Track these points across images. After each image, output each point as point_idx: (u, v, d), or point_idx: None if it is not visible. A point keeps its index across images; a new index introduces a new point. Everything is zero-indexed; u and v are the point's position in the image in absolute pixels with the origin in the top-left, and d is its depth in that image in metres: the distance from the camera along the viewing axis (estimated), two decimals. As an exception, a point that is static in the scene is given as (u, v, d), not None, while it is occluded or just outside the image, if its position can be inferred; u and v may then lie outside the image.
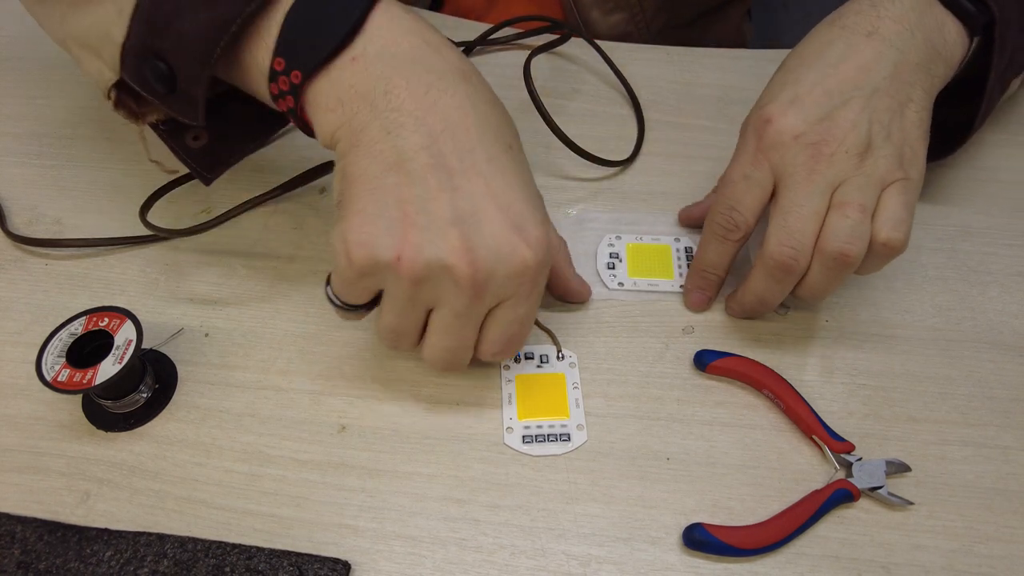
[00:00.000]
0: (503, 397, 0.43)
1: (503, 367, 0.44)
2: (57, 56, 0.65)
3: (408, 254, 0.34)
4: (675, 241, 0.50)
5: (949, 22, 0.42)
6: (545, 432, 0.42)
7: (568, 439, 0.42)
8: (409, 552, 0.38)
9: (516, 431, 0.42)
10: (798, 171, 0.40)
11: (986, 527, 0.39)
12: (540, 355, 0.45)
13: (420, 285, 0.35)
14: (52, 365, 0.39)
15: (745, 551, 0.37)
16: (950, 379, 0.44)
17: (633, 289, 0.48)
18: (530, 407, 0.43)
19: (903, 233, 0.39)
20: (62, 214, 0.53)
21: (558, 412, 0.42)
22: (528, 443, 0.41)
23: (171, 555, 0.37)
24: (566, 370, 0.44)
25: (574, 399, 0.43)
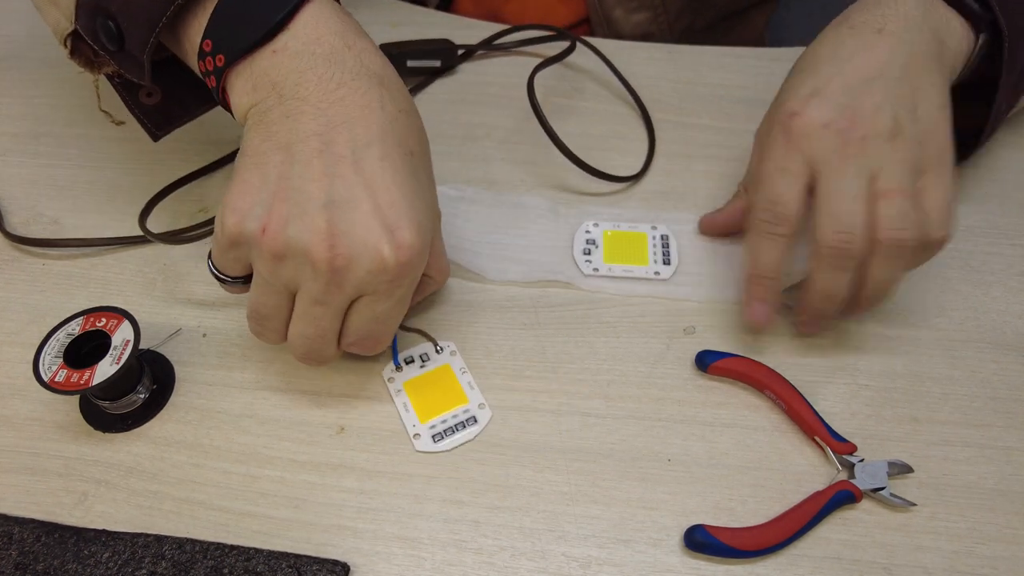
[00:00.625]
0: (398, 408, 0.43)
1: (387, 379, 0.44)
2: (57, 56, 0.65)
3: (272, 228, 0.34)
4: (652, 229, 0.50)
5: (954, 19, 0.43)
6: (450, 424, 0.42)
7: (475, 422, 0.42)
8: (408, 554, 0.38)
9: (424, 435, 0.42)
10: (833, 158, 0.39)
11: (989, 528, 0.39)
12: (419, 355, 0.45)
13: (281, 262, 0.35)
14: (49, 365, 0.39)
15: (747, 553, 0.37)
16: (953, 380, 0.44)
17: (608, 275, 0.48)
18: (428, 407, 0.43)
19: (949, 227, 0.40)
20: (60, 214, 0.53)
21: (456, 401, 0.43)
22: (439, 440, 0.41)
23: (169, 556, 0.37)
24: (449, 359, 0.44)
25: (466, 383, 0.44)
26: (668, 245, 0.49)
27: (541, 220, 0.51)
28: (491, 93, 0.60)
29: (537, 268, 0.48)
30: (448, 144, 0.57)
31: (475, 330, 0.46)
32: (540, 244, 0.50)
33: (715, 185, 0.54)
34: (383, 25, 0.65)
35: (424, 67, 0.60)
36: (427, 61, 0.60)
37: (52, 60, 0.65)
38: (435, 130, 0.57)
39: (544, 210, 0.52)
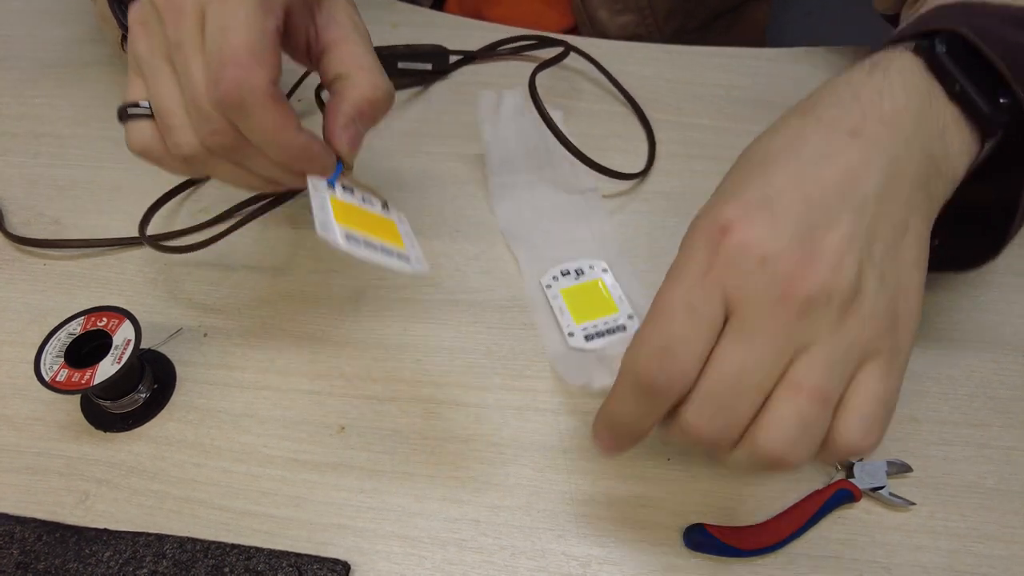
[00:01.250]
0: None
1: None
2: (57, 56, 0.65)
3: None
4: (603, 272, 0.47)
5: (952, 124, 0.33)
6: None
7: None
8: (409, 553, 0.38)
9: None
10: (757, 313, 0.28)
11: (988, 527, 0.39)
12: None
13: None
14: (50, 365, 0.39)
15: (746, 552, 0.37)
16: (951, 379, 0.44)
17: (591, 332, 0.45)
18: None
19: (876, 437, 0.29)
20: (60, 214, 0.53)
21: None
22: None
23: (170, 555, 0.37)
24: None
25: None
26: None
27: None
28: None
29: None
30: (450, 145, 0.57)
31: (475, 330, 0.46)
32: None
33: (715, 185, 0.54)
34: (384, 25, 0.65)
35: (415, 69, 0.61)
36: (418, 64, 0.60)
37: (52, 60, 0.65)
38: (435, 131, 0.58)
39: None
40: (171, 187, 0.50)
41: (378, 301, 0.48)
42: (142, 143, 0.36)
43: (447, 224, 0.52)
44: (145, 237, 0.46)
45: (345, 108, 0.36)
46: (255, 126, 0.33)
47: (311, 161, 0.35)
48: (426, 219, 0.52)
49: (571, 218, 0.51)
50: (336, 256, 0.49)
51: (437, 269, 0.49)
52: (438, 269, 0.49)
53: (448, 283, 0.48)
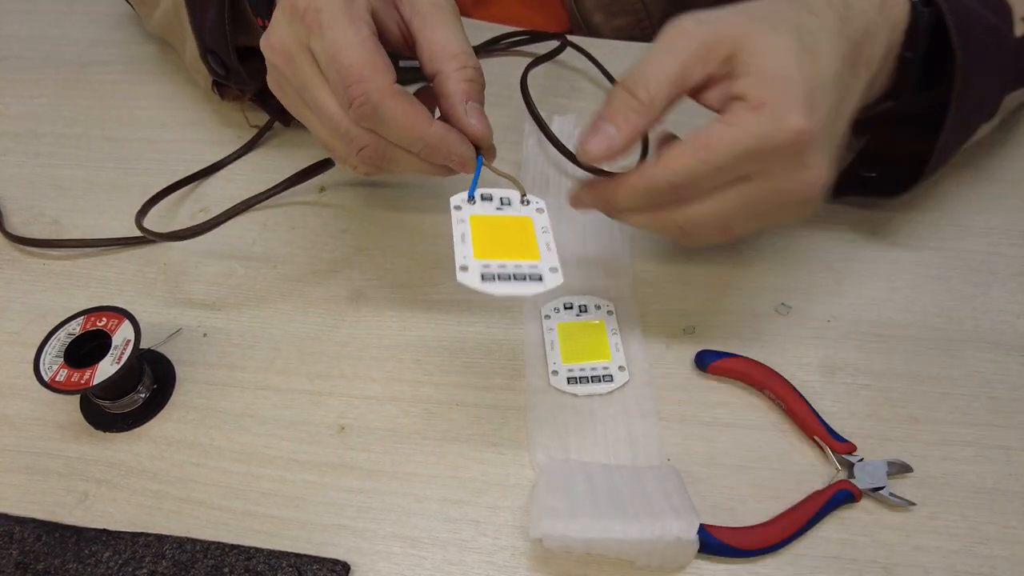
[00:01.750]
0: (454, 237, 0.37)
1: (454, 207, 0.38)
2: (57, 56, 0.65)
3: None
4: (608, 315, 0.46)
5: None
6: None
7: (539, 280, 0.37)
8: (409, 553, 0.38)
9: (473, 269, 0.36)
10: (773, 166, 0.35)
11: (988, 528, 0.39)
12: (500, 198, 0.40)
13: None
14: (50, 365, 0.39)
15: (746, 552, 0.37)
16: (952, 379, 0.44)
17: (576, 375, 0.43)
18: (492, 248, 0.37)
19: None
20: (60, 214, 0.53)
21: (525, 254, 0.38)
22: (489, 281, 0.36)
23: (169, 556, 0.37)
24: (533, 215, 0.40)
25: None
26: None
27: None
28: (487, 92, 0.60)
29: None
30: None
31: (475, 329, 0.46)
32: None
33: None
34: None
35: (416, 67, 0.60)
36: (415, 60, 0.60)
37: (53, 61, 0.65)
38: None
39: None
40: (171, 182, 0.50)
41: (378, 301, 0.48)
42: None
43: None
44: (141, 226, 0.46)
45: (454, 97, 0.37)
46: (391, 127, 0.35)
47: (450, 150, 0.37)
48: (427, 219, 0.52)
49: (592, 252, 0.49)
50: (337, 256, 0.50)
51: (437, 269, 0.49)
52: (438, 269, 0.49)
53: (448, 283, 0.48)
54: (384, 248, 0.50)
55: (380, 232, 0.51)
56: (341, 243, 0.51)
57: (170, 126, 0.59)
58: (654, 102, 0.35)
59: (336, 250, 0.50)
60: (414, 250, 0.50)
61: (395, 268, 0.49)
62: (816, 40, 0.35)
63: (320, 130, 0.38)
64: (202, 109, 0.60)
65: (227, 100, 0.56)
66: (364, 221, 0.52)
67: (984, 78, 0.40)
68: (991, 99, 0.42)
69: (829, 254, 0.50)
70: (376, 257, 0.50)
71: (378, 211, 0.53)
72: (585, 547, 0.36)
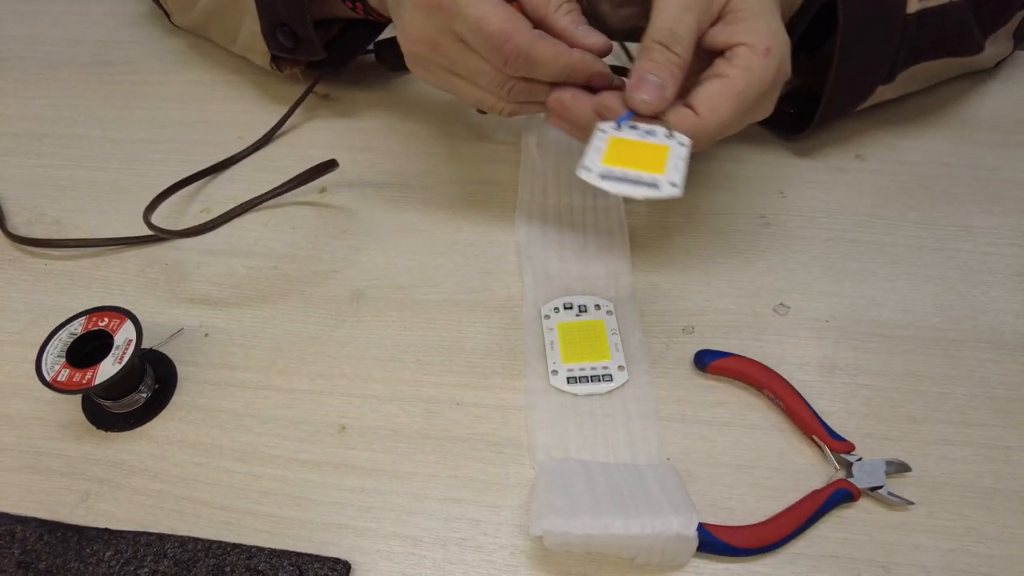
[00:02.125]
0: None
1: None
2: (59, 57, 0.66)
3: None
4: (607, 315, 0.46)
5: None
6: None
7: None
8: (409, 552, 0.38)
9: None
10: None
11: (986, 527, 0.39)
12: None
13: None
14: (52, 365, 0.39)
15: (745, 551, 0.37)
16: (951, 379, 0.44)
17: (576, 375, 0.44)
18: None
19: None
20: (62, 214, 0.53)
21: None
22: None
23: (171, 555, 0.37)
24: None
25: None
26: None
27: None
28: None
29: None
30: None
31: (475, 330, 0.46)
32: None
33: (716, 180, 0.54)
34: (390, 26, 0.65)
35: None
36: None
37: (54, 61, 0.65)
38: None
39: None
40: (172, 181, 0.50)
41: (378, 301, 0.48)
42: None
43: (454, 221, 0.52)
44: (149, 223, 0.46)
45: (569, 28, 0.42)
46: (542, 65, 0.41)
47: (590, 68, 0.42)
48: (427, 219, 0.52)
49: (592, 252, 0.50)
50: (338, 256, 0.50)
51: (437, 269, 0.49)
52: (438, 269, 0.49)
53: (448, 283, 0.48)
54: (385, 248, 0.51)
55: (381, 232, 0.51)
56: (342, 243, 0.51)
57: (171, 127, 0.59)
58: (686, 55, 0.40)
59: (337, 250, 0.50)
60: (414, 250, 0.50)
61: (395, 268, 0.49)
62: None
63: (472, 91, 0.44)
64: (203, 110, 0.60)
65: (284, 71, 0.59)
66: (365, 221, 0.52)
67: (868, 43, 0.48)
68: (880, 65, 0.50)
69: (828, 254, 0.50)
70: (377, 257, 0.50)
71: (379, 211, 0.53)
72: (585, 544, 0.36)
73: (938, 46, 0.51)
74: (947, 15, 0.49)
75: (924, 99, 0.59)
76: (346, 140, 0.58)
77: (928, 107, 0.58)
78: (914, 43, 0.50)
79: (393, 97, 0.61)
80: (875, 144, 0.56)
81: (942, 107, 0.59)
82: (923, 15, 0.49)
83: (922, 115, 0.58)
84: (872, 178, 0.54)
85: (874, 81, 0.51)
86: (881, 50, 0.49)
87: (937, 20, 0.49)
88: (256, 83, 0.62)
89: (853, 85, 0.51)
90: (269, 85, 0.62)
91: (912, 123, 0.58)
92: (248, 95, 0.61)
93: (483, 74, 0.43)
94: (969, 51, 0.53)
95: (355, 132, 0.58)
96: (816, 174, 0.55)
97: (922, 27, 0.49)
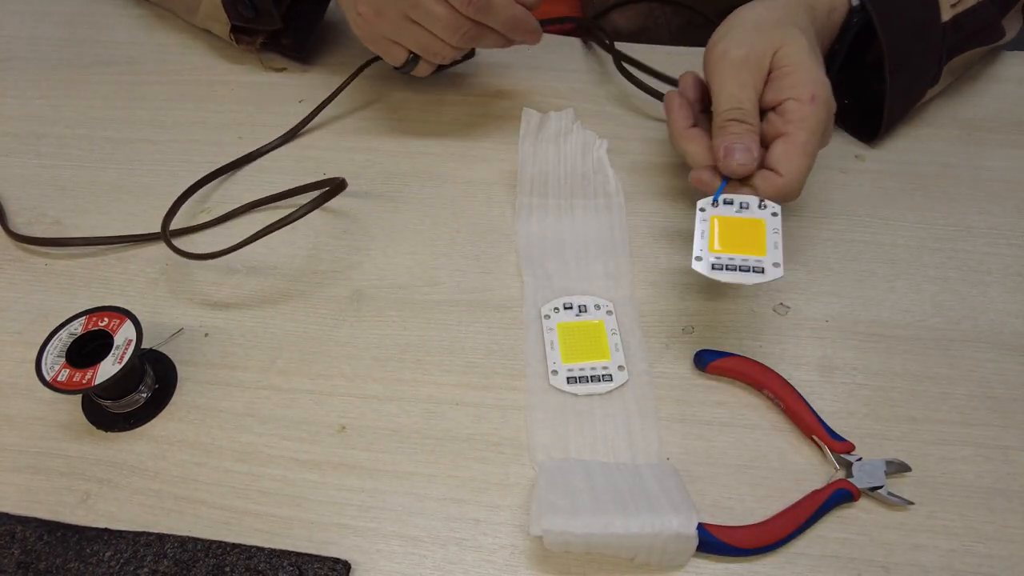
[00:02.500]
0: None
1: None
2: (57, 56, 0.66)
3: None
4: (607, 315, 0.46)
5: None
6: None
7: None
8: (409, 552, 0.38)
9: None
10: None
11: (986, 527, 0.39)
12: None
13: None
14: (52, 365, 0.39)
15: (745, 551, 0.37)
16: (950, 379, 0.44)
17: (576, 375, 0.43)
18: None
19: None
20: (62, 214, 0.53)
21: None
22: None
23: (171, 555, 0.37)
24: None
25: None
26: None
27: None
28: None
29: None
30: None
31: (475, 330, 0.46)
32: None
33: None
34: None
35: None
36: None
37: (54, 61, 0.65)
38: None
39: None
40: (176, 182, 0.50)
41: (378, 301, 0.48)
42: (422, 73, 0.55)
43: (454, 221, 0.52)
44: (167, 239, 0.47)
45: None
46: (497, 13, 0.48)
47: (528, 25, 0.51)
48: (427, 219, 0.52)
49: (592, 252, 0.49)
50: (337, 257, 0.50)
51: (437, 269, 0.49)
52: (438, 269, 0.49)
53: (448, 283, 0.48)
54: (384, 248, 0.51)
55: (381, 232, 0.51)
56: (342, 243, 0.51)
57: (171, 127, 0.59)
58: (756, 123, 0.45)
59: (337, 250, 0.50)
60: (414, 250, 0.50)
61: (395, 268, 0.49)
62: (808, 33, 0.46)
63: (421, 36, 0.49)
64: (203, 110, 0.60)
65: (241, 46, 0.61)
66: (365, 222, 0.52)
67: (914, 58, 0.51)
68: (927, 72, 0.53)
69: (828, 254, 0.50)
70: (376, 257, 0.50)
71: (379, 211, 0.53)
72: (585, 544, 0.36)
73: (971, 40, 0.54)
74: (978, 14, 0.53)
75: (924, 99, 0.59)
76: (346, 140, 0.58)
77: (928, 107, 0.58)
78: (951, 44, 0.53)
79: (393, 97, 0.61)
80: (875, 144, 0.56)
81: (942, 107, 0.59)
82: (957, 19, 0.51)
83: (922, 115, 0.58)
84: (872, 178, 0.54)
85: (924, 87, 0.54)
86: (925, 60, 0.52)
87: (970, 21, 0.52)
88: (256, 84, 0.62)
89: (907, 96, 0.54)
90: (268, 86, 0.62)
91: (912, 123, 0.58)
92: (247, 96, 0.61)
93: (439, 19, 0.48)
94: (995, 39, 0.56)
95: (355, 132, 0.58)
96: (816, 174, 0.55)
97: (958, 31, 0.52)
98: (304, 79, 0.62)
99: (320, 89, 0.59)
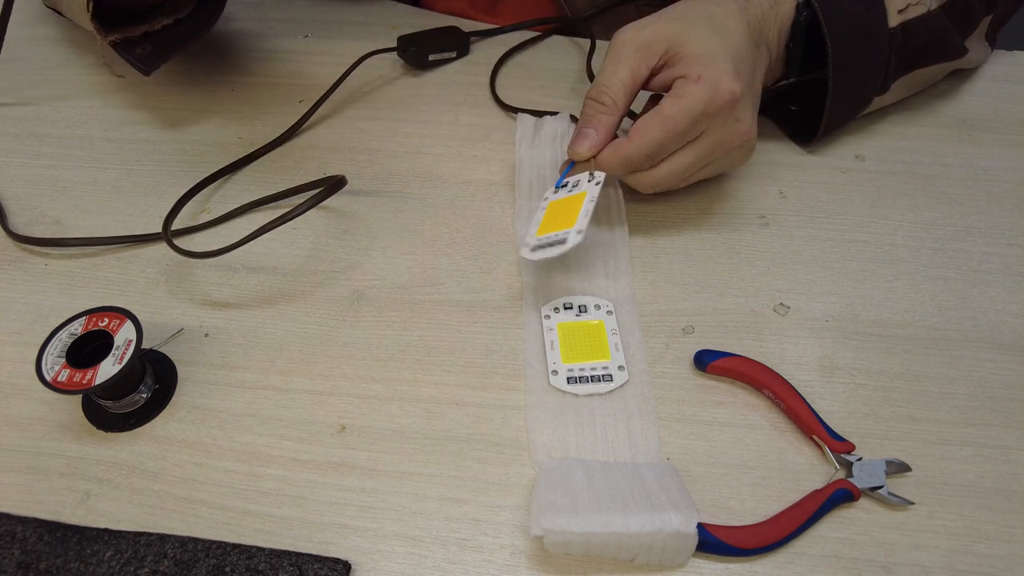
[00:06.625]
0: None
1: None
2: (59, 58, 0.66)
3: None
4: (607, 315, 0.46)
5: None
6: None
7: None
8: (409, 552, 0.38)
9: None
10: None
11: (986, 527, 0.39)
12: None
13: None
14: (52, 365, 0.39)
15: (745, 551, 0.37)
16: (950, 379, 0.44)
17: (576, 375, 0.43)
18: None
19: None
20: (62, 214, 0.53)
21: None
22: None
23: (171, 555, 0.37)
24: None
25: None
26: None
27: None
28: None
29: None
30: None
31: (475, 330, 0.46)
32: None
33: (716, 181, 0.54)
34: (385, 27, 0.66)
35: (443, 59, 0.64)
36: (445, 53, 0.64)
37: (54, 61, 0.65)
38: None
39: None
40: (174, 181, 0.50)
41: (378, 301, 0.48)
42: None
43: (454, 221, 0.52)
44: (168, 238, 0.47)
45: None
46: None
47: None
48: (427, 219, 0.52)
49: (591, 252, 0.49)
50: (337, 257, 0.50)
51: (437, 269, 0.49)
52: (438, 269, 0.49)
53: (448, 283, 0.49)
54: (384, 248, 0.51)
55: (381, 232, 0.51)
56: (342, 243, 0.51)
57: (171, 127, 0.59)
58: (617, 103, 0.45)
59: (337, 250, 0.50)
60: (414, 250, 0.50)
61: (395, 268, 0.49)
62: (724, 24, 0.46)
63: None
64: (203, 111, 0.60)
65: (107, 39, 0.54)
66: (365, 221, 0.52)
67: (858, 60, 0.51)
68: (873, 76, 0.53)
69: (827, 254, 0.50)
70: (376, 257, 0.50)
71: (379, 211, 0.53)
72: (585, 543, 0.36)
73: (926, 54, 0.54)
74: (928, 24, 0.52)
75: (924, 99, 0.59)
76: (346, 140, 0.58)
77: (928, 107, 0.59)
78: (903, 54, 0.53)
79: (393, 97, 0.61)
80: (875, 144, 0.56)
81: (942, 107, 0.59)
82: (906, 27, 0.52)
83: (922, 115, 0.58)
84: (872, 178, 0.55)
85: (869, 92, 0.54)
86: (871, 64, 0.52)
87: (920, 30, 0.52)
88: (256, 84, 0.62)
89: (850, 97, 0.53)
90: (268, 86, 0.62)
91: (912, 123, 0.58)
92: (247, 96, 0.61)
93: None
94: (955, 55, 0.56)
95: (355, 133, 0.58)
96: (816, 174, 0.55)
97: (908, 38, 0.52)
98: (305, 80, 0.62)
99: (321, 90, 0.59)
